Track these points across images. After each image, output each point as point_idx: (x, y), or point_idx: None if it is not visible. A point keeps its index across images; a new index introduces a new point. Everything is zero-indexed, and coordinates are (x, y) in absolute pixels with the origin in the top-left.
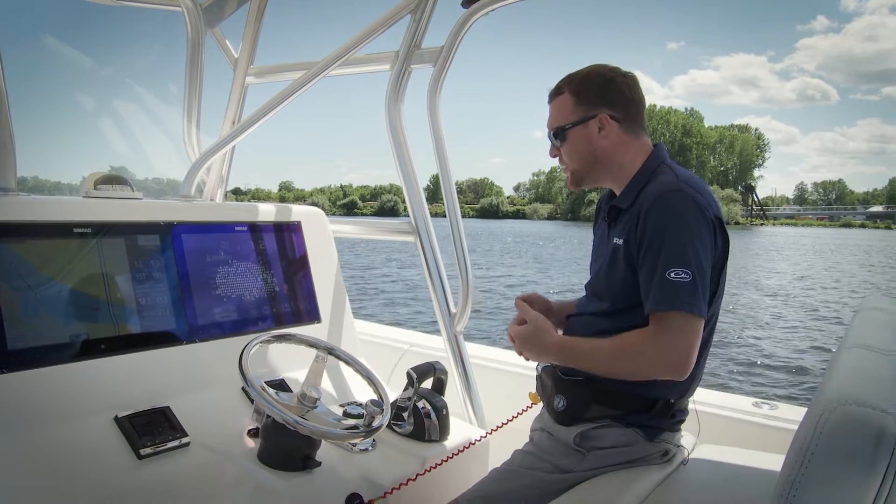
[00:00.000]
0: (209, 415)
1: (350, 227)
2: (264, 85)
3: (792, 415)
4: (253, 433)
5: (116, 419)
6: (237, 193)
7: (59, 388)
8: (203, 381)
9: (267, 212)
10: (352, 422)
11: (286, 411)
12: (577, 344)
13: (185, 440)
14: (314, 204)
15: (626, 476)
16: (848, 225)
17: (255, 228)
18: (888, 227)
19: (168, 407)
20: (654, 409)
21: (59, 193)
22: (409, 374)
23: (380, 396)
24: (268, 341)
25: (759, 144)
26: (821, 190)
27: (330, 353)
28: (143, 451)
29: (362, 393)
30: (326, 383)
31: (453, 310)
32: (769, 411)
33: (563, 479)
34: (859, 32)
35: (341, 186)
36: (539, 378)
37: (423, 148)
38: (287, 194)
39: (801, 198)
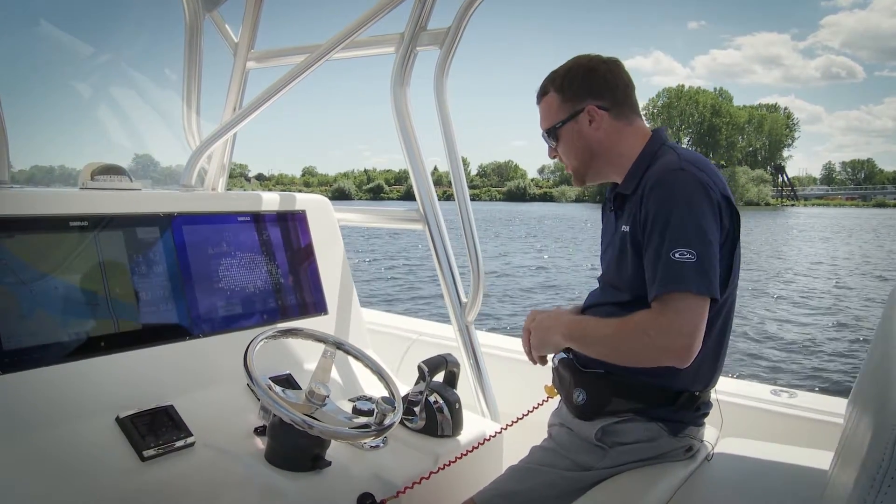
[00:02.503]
0: (214, 413)
1: (356, 215)
2: (266, 70)
3: (812, 403)
4: (260, 431)
5: (118, 420)
6: (261, 179)
7: (59, 389)
8: (207, 377)
9: (270, 201)
10: (363, 420)
11: (294, 411)
12: (586, 321)
13: (189, 440)
14: (340, 189)
15: (650, 473)
16: (882, 205)
17: (258, 218)
18: None
19: (171, 405)
20: (678, 402)
21: None
22: (420, 368)
23: (391, 393)
24: (273, 337)
25: (789, 124)
26: (849, 169)
27: (338, 348)
28: (146, 453)
29: (371, 385)
30: (334, 376)
31: (464, 299)
32: (789, 399)
33: (583, 477)
34: (887, 7)
35: (365, 171)
36: (556, 371)
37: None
38: (311, 179)
39: (828, 178)
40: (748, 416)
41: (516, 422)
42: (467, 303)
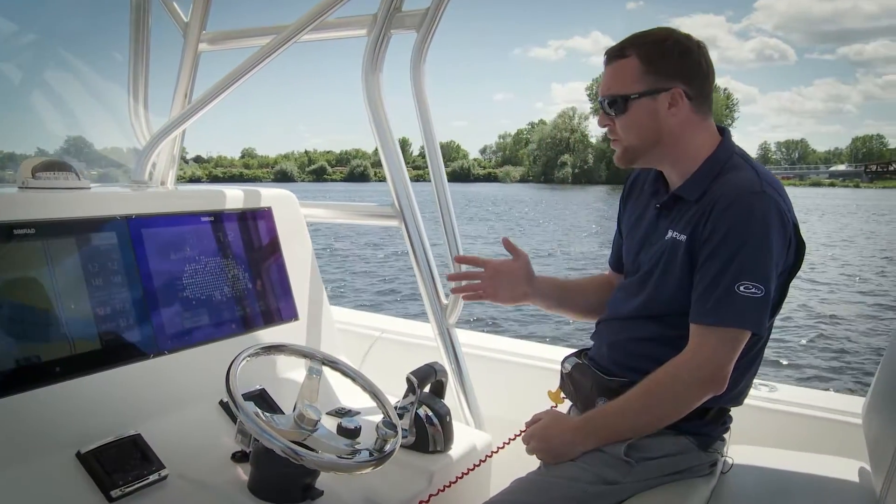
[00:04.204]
0: (186, 439)
1: (324, 211)
2: (222, 53)
3: (792, 396)
4: (239, 457)
5: (79, 455)
6: (199, 161)
7: (9, 424)
8: (175, 398)
9: (234, 198)
10: (359, 446)
11: (286, 441)
12: (602, 411)
13: (162, 473)
14: (282, 171)
15: (672, 492)
16: (818, 184)
17: (221, 218)
18: (856, 186)
19: (139, 434)
20: (709, 416)
21: (14, 166)
22: (409, 380)
23: (386, 413)
24: (256, 355)
25: (728, 104)
26: (784, 149)
27: (328, 365)
28: (114, 493)
29: (348, 395)
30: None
31: (444, 301)
32: (769, 394)
33: (607, 491)
34: None
35: (306, 152)
36: (569, 376)
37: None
38: (251, 161)
39: (764, 157)
40: (748, 415)
41: (517, 437)
42: (448, 304)
